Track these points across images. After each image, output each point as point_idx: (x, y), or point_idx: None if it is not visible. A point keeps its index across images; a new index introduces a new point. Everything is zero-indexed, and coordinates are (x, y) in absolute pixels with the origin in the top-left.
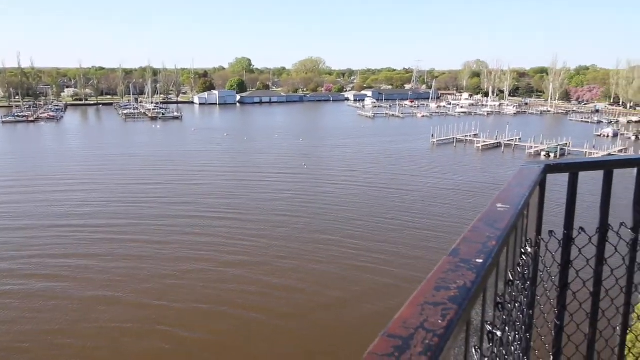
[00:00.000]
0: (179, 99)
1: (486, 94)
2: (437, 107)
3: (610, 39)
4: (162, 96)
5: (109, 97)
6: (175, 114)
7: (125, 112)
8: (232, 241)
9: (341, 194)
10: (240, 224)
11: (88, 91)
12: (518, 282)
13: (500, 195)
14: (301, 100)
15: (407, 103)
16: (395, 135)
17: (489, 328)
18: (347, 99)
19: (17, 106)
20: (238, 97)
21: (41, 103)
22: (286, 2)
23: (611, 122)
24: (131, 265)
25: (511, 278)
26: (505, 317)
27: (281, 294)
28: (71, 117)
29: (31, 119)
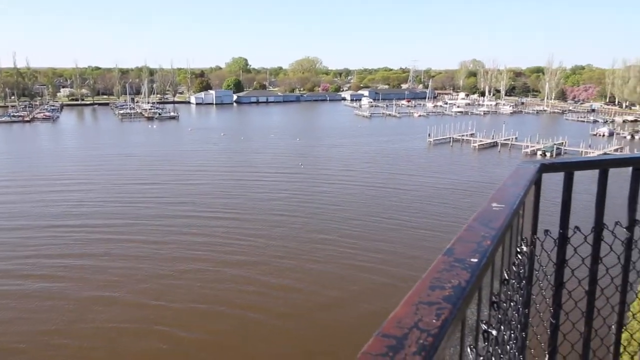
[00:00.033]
0: (176, 99)
1: (482, 94)
2: (434, 107)
3: (606, 39)
4: (159, 96)
5: (105, 97)
6: (171, 114)
7: (121, 112)
8: (230, 241)
9: (338, 194)
10: (237, 224)
11: (84, 91)
12: (513, 281)
13: (495, 194)
14: (298, 100)
15: (404, 103)
16: (392, 134)
17: (485, 327)
18: (344, 99)
19: (13, 106)
20: (235, 97)
21: (37, 103)
22: (284, 2)
23: (607, 122)
24: (128, 265)
25: (507, 277)
26: (500, 316)
27: (279, 294)
28: (67, 117)
29: (27, 119)
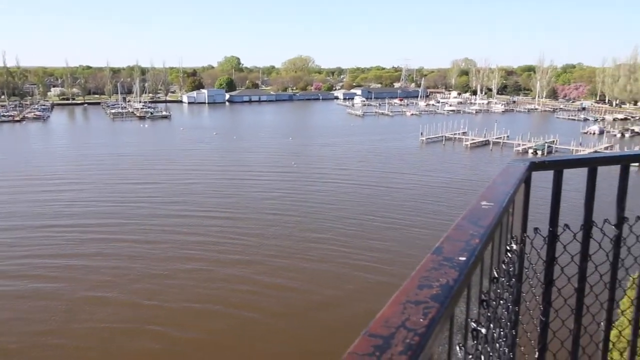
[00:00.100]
0: (168, 98)
1: (474, 92)
2: (426, 106)
3: (596, 38)
4: (151, 95)
5: (97, 97)
6: (163, 113)
7: (112, 112)
8: (223, 240)
9: (331, 192)
10: (231, 223)
11: (75, 90)
12: (503, 279)
13: (485, 192)
14: (290, 99)
15: (396, 101)
16: (384, 133)
17: (474, 325)
18: (337, 98)
19: (3, 106)
20: (227, 96)
21: (27, 103)
22: (278, 2)
23: (597, 120)
24: (121, 265)
25: (496, 275)
26: (490, 314)
27: (273, 293)
28: (58, 117)
29: (17, 119)
